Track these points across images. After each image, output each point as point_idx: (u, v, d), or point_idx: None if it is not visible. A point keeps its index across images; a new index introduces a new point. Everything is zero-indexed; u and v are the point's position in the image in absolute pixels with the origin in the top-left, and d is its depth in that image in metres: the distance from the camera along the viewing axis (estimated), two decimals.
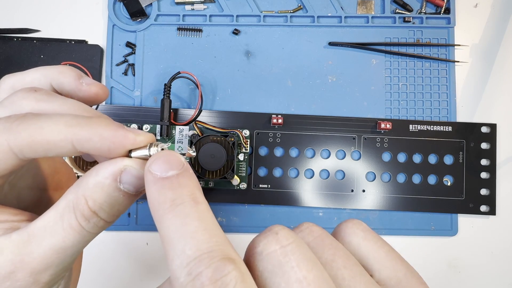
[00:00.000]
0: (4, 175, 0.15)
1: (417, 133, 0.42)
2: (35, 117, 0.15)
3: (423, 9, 0.44)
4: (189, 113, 0.41)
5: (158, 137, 0.39)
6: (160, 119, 0.38)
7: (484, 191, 0.42)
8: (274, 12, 0.44)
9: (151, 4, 0.43)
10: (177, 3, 0.43)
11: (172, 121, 0.39)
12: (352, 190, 0.41)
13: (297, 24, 0.43)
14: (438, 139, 0.42)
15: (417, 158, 0.42)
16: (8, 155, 0.14)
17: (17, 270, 0.14)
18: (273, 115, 0.41)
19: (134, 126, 0.39)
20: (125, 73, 0.43)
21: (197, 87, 0.41)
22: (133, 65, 0.43)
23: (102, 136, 0.14)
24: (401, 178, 0.42)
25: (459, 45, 0.44)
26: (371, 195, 0.41)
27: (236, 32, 0.43)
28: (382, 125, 0.40)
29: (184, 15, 0.43)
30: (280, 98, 0.43)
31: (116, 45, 0.43)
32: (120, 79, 0.43)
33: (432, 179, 0.42)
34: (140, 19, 0.43)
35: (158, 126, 0.39)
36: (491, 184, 0.42)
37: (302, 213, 0.42)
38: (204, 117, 0.41)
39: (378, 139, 0.41)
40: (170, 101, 0.39)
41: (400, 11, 0.44)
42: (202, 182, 0.39)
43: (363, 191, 0.41)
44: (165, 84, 0.39)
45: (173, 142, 0.39)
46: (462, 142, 0.42)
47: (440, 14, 0.44)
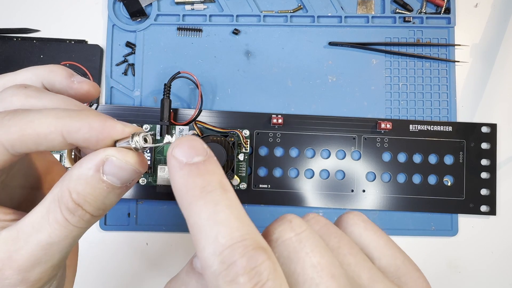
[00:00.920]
0: None
1: (417, 133, 0.42)
2: (25, 112, 0.15)
3: (423, 9, 0.44)
4: (189, 113, 0.41)
5: (158, 137, 0.39)
6: (160, 119, 0.38)
7: (484, 191, 0.42)
8: (274, 12, 0.44)
9: (151, 4, 0.43)
10: (177, 3, 0.43)
11: (172, 121, 0.39)
12: (352, 190, 0.41)
13: (297, 24, 0.43)
14: (438, 139, 0.42)
15: (417, 158, 0.42)
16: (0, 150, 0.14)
17: (4, 268, 0.14)
18: (273, 115, 0.41)
19: (134, 126, 0.39)
20: (125, 73, 0.43)
21: (197, 87, 0.41)
22: (133, 65, 0.43)
23: (91, 126, 0.14)
24: (401, 178, 0.42)
25: (459, 45, 0.44)
26: (371, 195, 0.41)
27: (236, 32, 0.43)
28: (382, 125, 0.40)
29: (184, 15, 0.43)
30: (280, 98, 0.43)
31: (116, 45, 0.43)
32: (120, 79, 0.42)
33: (432, 179, 0.42)
34: (140, 19, 0.43)
35: (158, 126, 0.39)
36: (491, 184, 0.42)
37: (302, 213, 0.41)
38: (204, 117, 0.41)
39: (378, 139, 0.41)
40: (170, 101, 0.39)
41: (400, 11, 0.44)
42: None
43: (363, 191, 0.41)
44: (165, 84, 0.39)
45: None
46: (462, 142, 0.42)
47: (440, 14, 0.44)
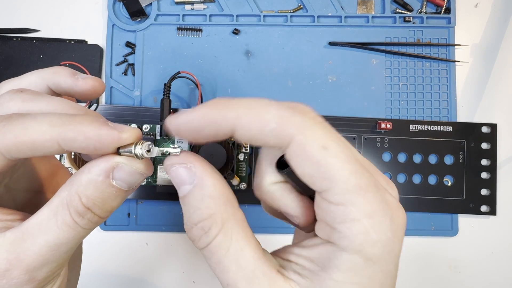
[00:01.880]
0: None
1: (417, 133, 0.42)
2: (19, 118, 0.15)
3: (423, 9, 0.44)
4: None
5: (158, 137, 0.39)
6: (160, 119, 0.38)
7: (484, 191, 0.42)
8: (274, 12, 0.44)
9: (150, 3, 0.43)
10: (177, 3, 0.43)
11: None
12: None
13: (297, 24, 0.43)
14: (438, 139, 0.42)
15: (417, 158, 0.42)
16: None
17: (12, 268, 0.14)
18: None
19: (134, 126, 0.39)
20: (125, 73, 0.43)
21: (197, 87, 0.41)
22: (132, 65, 0.43)
23: (86, 136, 0.14)
24: (401, 178, 0.42)
25: (460, 45, 0.44)
26: None
27: (236, 32, 0.43)
28: (382, 125, 0.40)
29: (184, 15, 0.43)
30: (280, 98, 0.43)
31: (115, 45, 0.43)
32: (120, 79, 0.42)
33: (432, 179, 0.42)
34: (140, 19, 0.43)
35: (158, 126, 0.39)
36: (491, 184, 0.42)
37: None
38: None
39: (378, 139, 0.41)
40: (170, 101, 0.39)
41: (400, 11, 0.44)
42: None
43: None
44: (165, 84, 0.39)
45: (173, 142, 0.39)
46: (463, 142, 0.42)
47: (440, 14, 0.44)
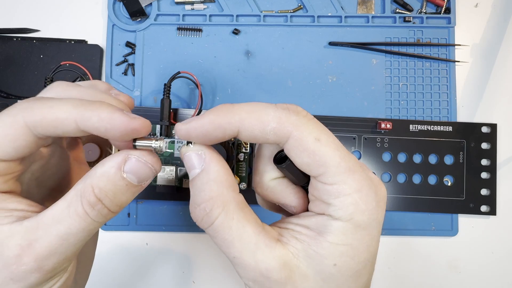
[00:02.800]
0: (24, 155, 0.17)
1: (417, 133, 0.42)
2: (48, 99, 0.17)
3: (423, 9, 0.44)
4: (189, 113, 0.41)
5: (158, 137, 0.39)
6: (160, 119, 0.38)
7: (484, 191, 0.42)
8: (274, 12, 0.44)
9: (151, 3, 0.43)
10: (177, 3, 0.43)
11: (172, 121, 0.39)
12: None
13: (297, 24, 0.43)
14: (438, 139, 0.42)
15: (417, 158, 0.42)
16: (24, 130, 0.16)
17: (23, 254, 0.16)
18: None
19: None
20: (125, 73, 0.43)
21: (197, 87, 0.41)
22: (133, 65, 0.43)
23: (100, 117, 0.16)
24: (401, 178, 0.42)
25: (460, 45, 0.44)
26: None
27: (236, 32, 0.43)
28: (382, 125, 0.40)
29: (184, 15, 0.43)
30: (280, 98, 0.43)
31: (116, 45, 0.43)
32: (120, 79, 0.42)
33: (432, 179, 0.42)
34: (140, 19, 0.43)
35: (158, 126, 0.39)
36: (491, 184, 0.42)
37: None
38: None
39: (378, 139, 0.41)
40: (170, 101, 0.39)
41: (400, 11, 0.44)
42: None
43: None
44: (165, 84, 0.39)
45: (173, 142, 0.39)
46: (463, 142, 0.42)
47: (440, 14, 0.44)
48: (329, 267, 0.17)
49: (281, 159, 0.20)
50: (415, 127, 0.42)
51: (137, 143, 0.18)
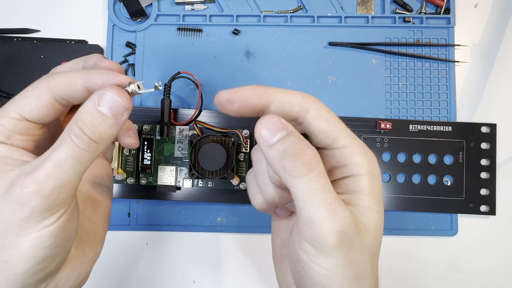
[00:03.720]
0: (43, 116, 0.21)
1: (417, 133, 0.42)
2: (65, 70, 0.23)
3: (423, 9, 0.44)
4: (189, 113, 0.41)
5: (158, 137, 0.39)
6: (160, 119, 0.39)
7: (484, 191, 0.42)
8: (274, 12, 0.44)
9: (151, 4, 0.43)
10: (177, 3, 0.43)
11: (172, 121, 0.39)
12: None
13: (297, 24, 0.44)
14: (438, 139, 0.42)
15: (417, 158, 0.42)
16: (46, 91, 0.21)
17: (25, 179, 0.19)
18: None
19: (134, 126, 0.39)
20: (125, 73, 0.43)
21: (197, 87, 0.41)
22: (133, 65, 0.43)
23: (99, 73, 0.21)
24: (401, 178, 0.42)
25: (459, 45, 0.44)
26: None
27: (236, 32, 0.43)
28: (382, 125, 0.40)
29: (184, 15, 0.43)
30: None
31: (116, 45, 0.43)
32: None
33: (432, 179, 0.42)
34: (140, 19, 0.43)
35: (158, 126, 0.39)
36: (491, 184, 0.42)
37: None
38: (204, 117, 0.41)
39: (378, 139, 0.41)
40: (170, 101, 0.39)
41: (400, 11, 0.44)
42: (202, 182, 0.39)
43: None
44: (165, 84, 0.39)
45: (173, 142, 0.39)
46: (462, 142, 0.42)
47: (440, 14, 0.44)
48: (375, 215, 0.21)
49: None
50: (415, 127, 0.42)
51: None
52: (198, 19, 0.43)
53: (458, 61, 0.44)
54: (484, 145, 0.42)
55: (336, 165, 0.22)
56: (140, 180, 0.39)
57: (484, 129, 0.42)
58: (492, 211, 0.42)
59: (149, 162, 0.38)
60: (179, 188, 0.39)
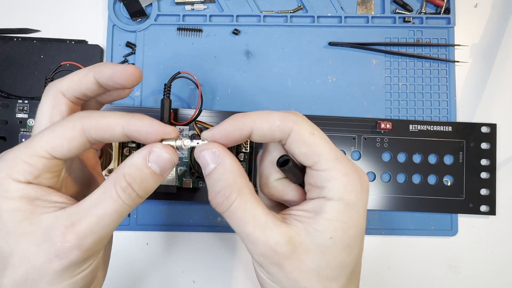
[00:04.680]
0: (72, 155, 0.21)
1: (417, 133, 0.42)
2: (100, 111, 0.21)
3: (423, 9, 0.44)
4: (189, 113, 0.41)
5: None
6: (160, 119, 0.38)
7: (484, 191, 0.42)
8: (274, 12, 0.44)
9: (151, 4, 0.43)
10: (177, 3, 0.43)
11: (172, 121, 0.39)
12: None
13: (297, 24, 0.43)
14: (438, 139, 0.42)
15: (417, 158, 0.42)
16: (80, 133, 0.20)
17: (67, 233, 0.19)
18: None
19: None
20: None
21: (197, 87, 0.41)
22: (133, 65, 0.43)
23: (142, 122, 0.21)
24: (401, 178, 0.42)
25: (459, 45, 0.44)
26: (371, 195, 0.41)
27: (236, 32, 0.43)
28: (382, 125, 0.40)
29: (184, 15, 0.43)
30: (280, 98, 0.43)
31: (116, 45, 0.43)
32: None
33: (432, 179, 0.42)
34: (140, 19, 0.43)
35: None
36: (491, 184, 0.42)
37: None
38: (204, 117, 0.41)
39: (378, 139, 0.41)
40: (170, 101, 0.39)
41: (400, 11, 0.44)
42: (201, 182, 0.39)
43: None
44: (165, 84, 0.39)
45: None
46: (462, 142, 0.42)
47: (440, 14, 0.44)
48: (326, 240, 0.21)
49: (283, 162, 0.24)
50: (415, 127, 0.42)
51: (163, 142, 0.21)
52: (198, 19, 0.43)
53: (458, 61, 0.44)
54: (484, 145, 0.42)
55: (315, 185, 0.22)
56: None
57: (484, 129, 0.42)
58: (492, 211, 0.42)
59: None
60: (179, 188, 0.39)
